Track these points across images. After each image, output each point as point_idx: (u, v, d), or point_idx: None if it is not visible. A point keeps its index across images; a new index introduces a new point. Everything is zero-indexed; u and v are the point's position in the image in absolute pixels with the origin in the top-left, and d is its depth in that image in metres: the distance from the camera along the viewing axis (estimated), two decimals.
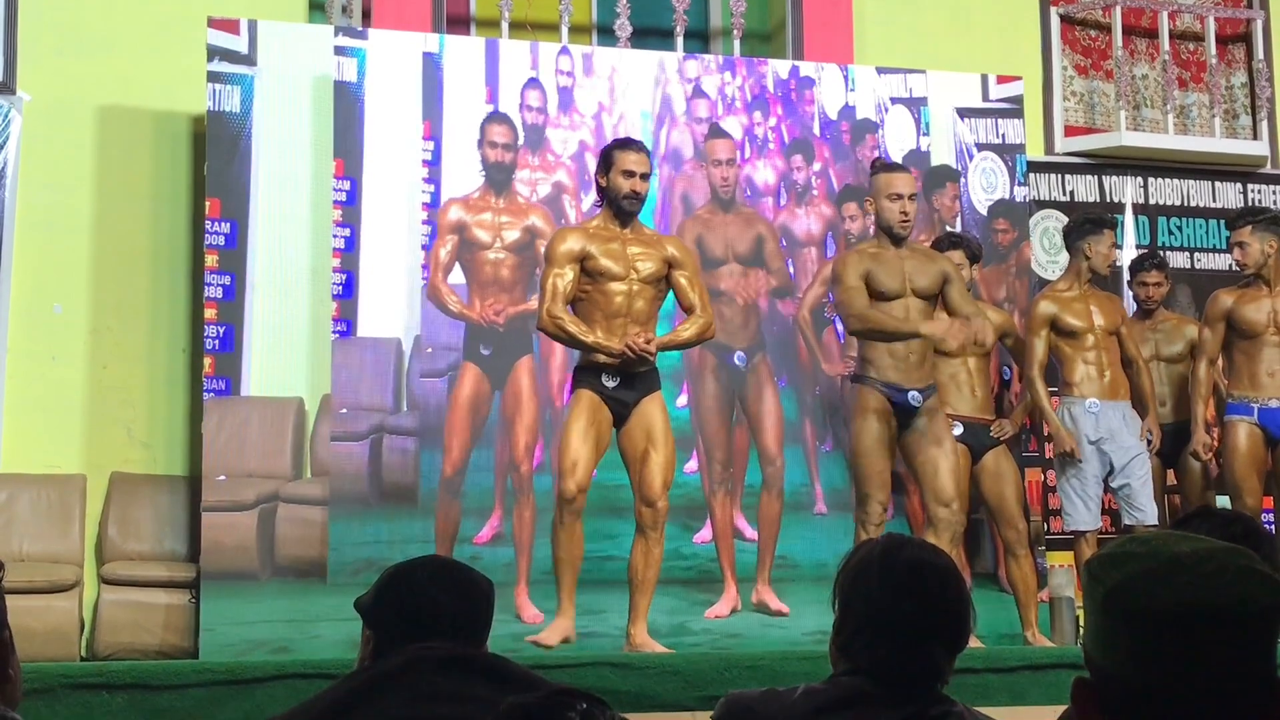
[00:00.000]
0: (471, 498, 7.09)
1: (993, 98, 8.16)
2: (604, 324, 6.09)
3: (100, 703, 4.69)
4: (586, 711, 1.53)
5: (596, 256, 6.11)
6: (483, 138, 7.34)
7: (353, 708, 2.59)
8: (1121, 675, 1.53)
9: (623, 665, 5.20)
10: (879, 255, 6.46)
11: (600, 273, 6.11)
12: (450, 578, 2.83)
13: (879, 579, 2.50)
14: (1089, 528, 7.00)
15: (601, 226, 6.21)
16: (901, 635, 2.46)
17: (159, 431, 7.47)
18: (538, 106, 7.49)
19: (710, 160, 7.56)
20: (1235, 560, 1.54)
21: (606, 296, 6.11)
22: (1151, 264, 7.70)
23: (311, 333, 7.09)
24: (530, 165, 7.45)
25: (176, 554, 7.19)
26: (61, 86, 7.51)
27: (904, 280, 6.43)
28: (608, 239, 6.16)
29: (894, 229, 6.43)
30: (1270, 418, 7.03)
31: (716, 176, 7.52)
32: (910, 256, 6.50)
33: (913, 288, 6.45)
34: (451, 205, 7.27)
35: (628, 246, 6.17)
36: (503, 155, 7.33)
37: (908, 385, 6.41)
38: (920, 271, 6.49)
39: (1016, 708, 5.04)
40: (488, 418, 7.15)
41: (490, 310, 7.19)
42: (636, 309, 6.14)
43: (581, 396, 6.08)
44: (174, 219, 7.60)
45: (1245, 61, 9.37)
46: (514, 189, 7.35)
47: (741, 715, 2.51)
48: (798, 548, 7.31)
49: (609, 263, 6.11)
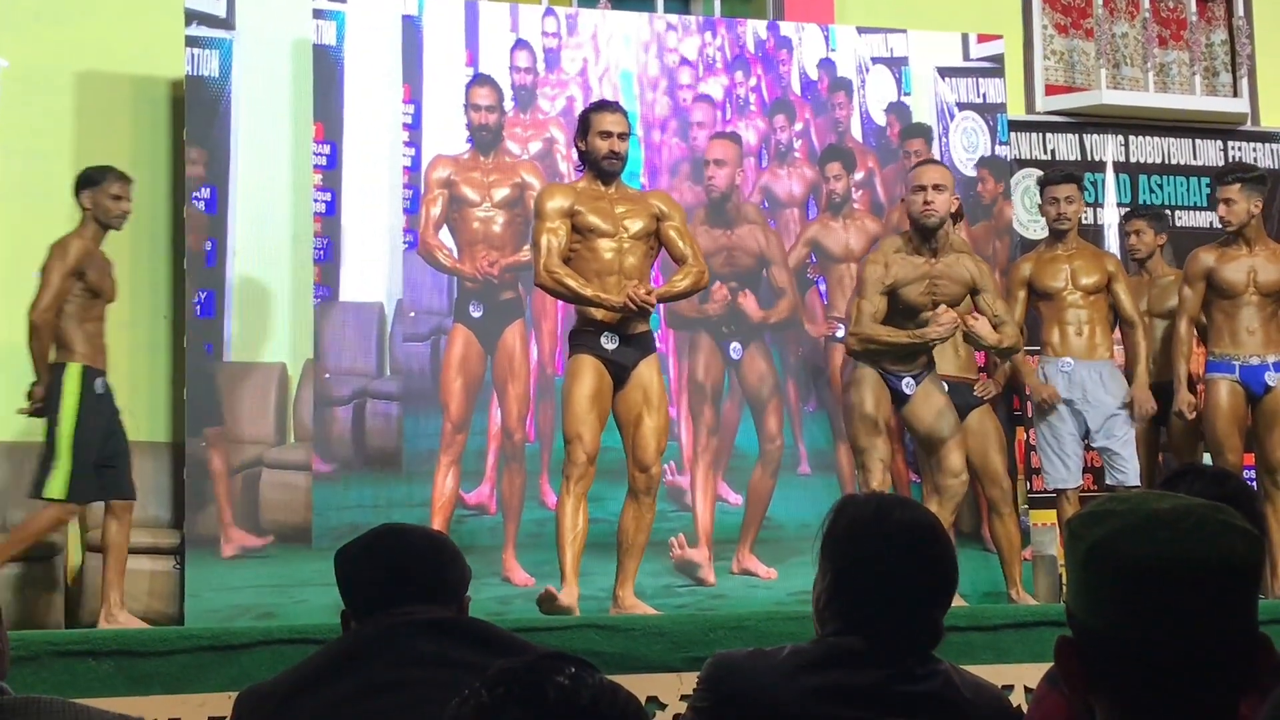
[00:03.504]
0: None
1: (973, 57, 8.15)
2: (596, 282, 6.05)
3: (86, 669, 4.69)
4: (575, 675, 1.53)
5: (584, 213, 6.07)
6: (467, 101, 7.32)
7: (338, 673, 2.59)
8: (1103, 632, 1.54)
9: (609, 628, 5.21)
10: (906, 263, 6.45)
11: (590, 229, 6.07)
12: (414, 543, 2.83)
13: (876, 543, 2.50)
14: (1067, 485, 7.02)
15: (587, 187, 6.19)
16: (904, 598, 2.47)
17: (141, 398, 7.45)
18: (526, 67, 7.46)
19: (712, 160, 7.51)
20: (1215, 516, 1.55)
21: (596, 253, 6.08)
22: (1136, 214, 7.71)
23: (293, 298, 7.08)
24: (522, 123, 7.43)
25: (160, 520, 7.18)
26: (39, 52, 7.46)
27: (929, 292, 6.44)
28: (594, 198, 6.14)
29: (920, 220, 6.43)
30: (1251, 375, 7.05)
31: (705, 176, 7.47)
32: (939, 262, 6.49)
33: (935, 300, 6.45)
34: (439, 162, 7.25)
35: (614, 205, 6.15)
36: (487, 117, 7.31)
37: (904, 373, 6.47)
38: (947, 278, 6.48)
39: (1000, 665, 5.06)
40: (481, 378, 7.14)
41: (484, 262, 7.16)
42: (628, 265, 6.10)
43: (583, 361, 6.02)
44: (154, 184, 7.57)
45: (1225, 19, 9.36)
46: (503, 147, 7.33)
47: (728, 675, 2.51)
48: (782, 508, 7.34)
49: (597, 219, 6.08)
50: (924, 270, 6.45)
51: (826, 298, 7.65)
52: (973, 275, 6.52)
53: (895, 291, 6.42)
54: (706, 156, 7.54)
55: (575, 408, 5.97)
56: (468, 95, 7.33)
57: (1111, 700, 1.56)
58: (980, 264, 6.66)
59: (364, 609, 2.72)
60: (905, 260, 6.45)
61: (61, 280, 6.19)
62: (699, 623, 5.33)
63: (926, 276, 6.45)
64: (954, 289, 6.49)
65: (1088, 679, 1.57)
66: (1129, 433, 7.08)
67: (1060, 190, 7.19)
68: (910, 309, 6.46)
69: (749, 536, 7.24)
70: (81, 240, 6.27)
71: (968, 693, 2.51)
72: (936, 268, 6.47)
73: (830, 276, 7.66)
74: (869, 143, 7.91)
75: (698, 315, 7.37)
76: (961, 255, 6.58)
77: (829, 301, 7.63)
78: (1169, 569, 1.50)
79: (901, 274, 6.42)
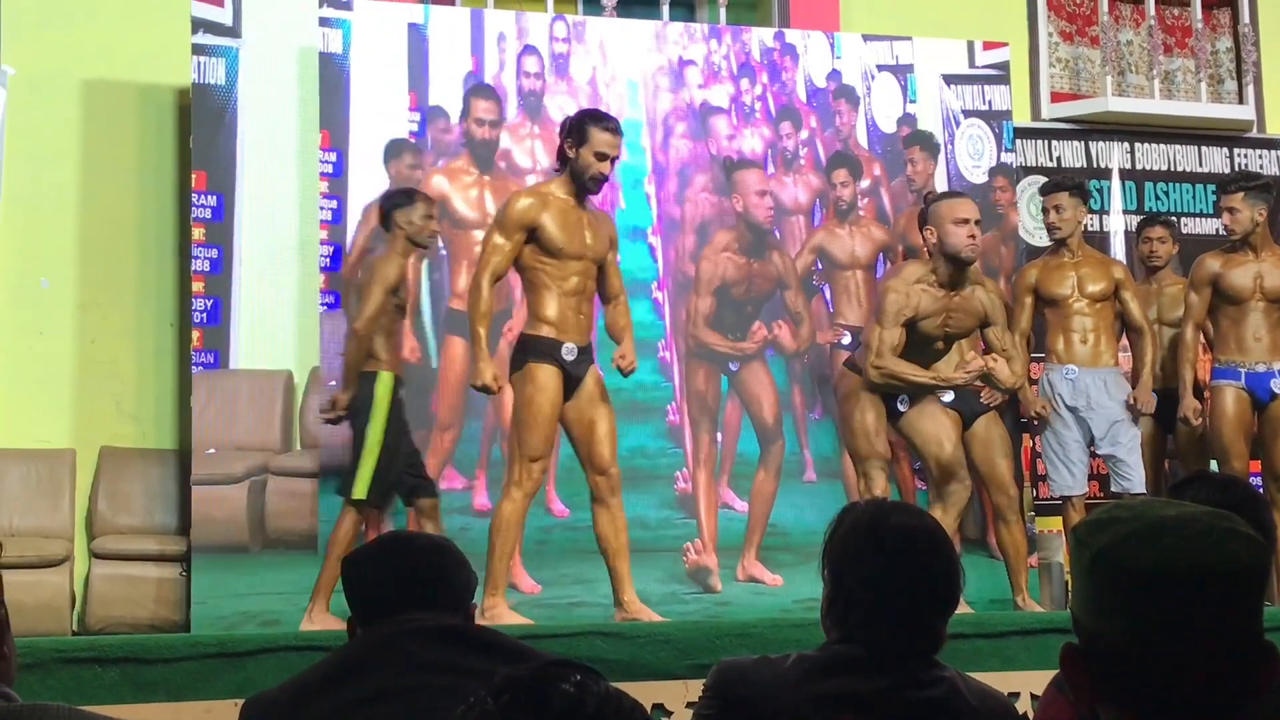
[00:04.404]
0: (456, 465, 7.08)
1: (979, 64, 8.14)
2: (560, 302, 6.07)
3: (92, 676, 4.70)
4: (580, 682, 1.53)
5: (552, 231, 6.05)
6: (468, 112, 7.29)
7: (344, 680, 2.59)
8: (1109, 639, 1.54)
9: (614, 635, 5.21)
10: (928, 295, 6.45)
11: (559, 249, 6.07)
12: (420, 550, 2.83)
13: (870, 550, 2.50)
14: (1073, 492, 7.03)
15: (564, 199, 6.15)
16: (898, 607, 2.47)
17: (148, 405, 7.47)
18: (535, 72, 7.44)
19: (753, 191, 7.40)
20: (1220, 523, 1.55)
21: (565, 276, 6.09)
22: (1156, 220, 7.72)
23: (299, 305, 7.07)
24: (532, 135, 7.40)
25: (167, 527, 7.19)
26: (45, 60, 7.48)
27: (944, 324, 6.45)
28: (566, 212, 6.11)
29: (962, 254, 6.41)
30: (1257, 381, 7.04)
31: (761, 210, 7.36)
32: (958, 295, 6.49)
33: (948, 332, 6.48)
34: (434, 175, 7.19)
35: (584, 227, 6.15)
36: (489, 133, 7.25)
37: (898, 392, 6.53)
38: (963, 311, 6.49)
39: (1007, 673, 5.05)
40: None
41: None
42: (589, 289, 6.17)
43: (546, 372, 6.04)
44: (160, 192, 7.58)
45: (1231, 26, 9.36)
46: (504, 159, 7.29)
47: (734, 683, 2.51)
48: (788, 516, 7.32)
49: (566, 240, 6.07)
50: (944, 304, 6.46)
51: (831, 305, 7.64)
52: (986, 309, 6.56)
53: (913, 323, 6.43)
54: (753, 186, 7.41)
55: (539, 420, 6.01)
56: (469, 106, 7.25)
57: (1117, 707, 1.56)
58: (993, 296, 6.67)
59: (370, 616, 2.72)
60: (927, 292, 6.46)
61: (383, 296, 6.42)
62: (704, 630, 5.33)
63: (945, 310, 6.47)
64: (968, 322, 6.53)
65: (1094, 686, 1.57)
66: (1134, 439, 7.08)
67: (1052, 199, 7.25)
68: (924, 339, 6.48)
69: (754, 541, 7.23)
70: (399, 259, 6.51)
71: (973, 700, 2.51)
72: (954, 300, 6.48)
73: (835, 284, 7.64)
74: (875, 150, 7.91)
75: (730, 352, 7.33)
76: (977, 287, 6.60)
77: (834, 309, 7.63)
78: (1174, 576, 1.50)
79: (923, 306, 6.43)
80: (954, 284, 6.48)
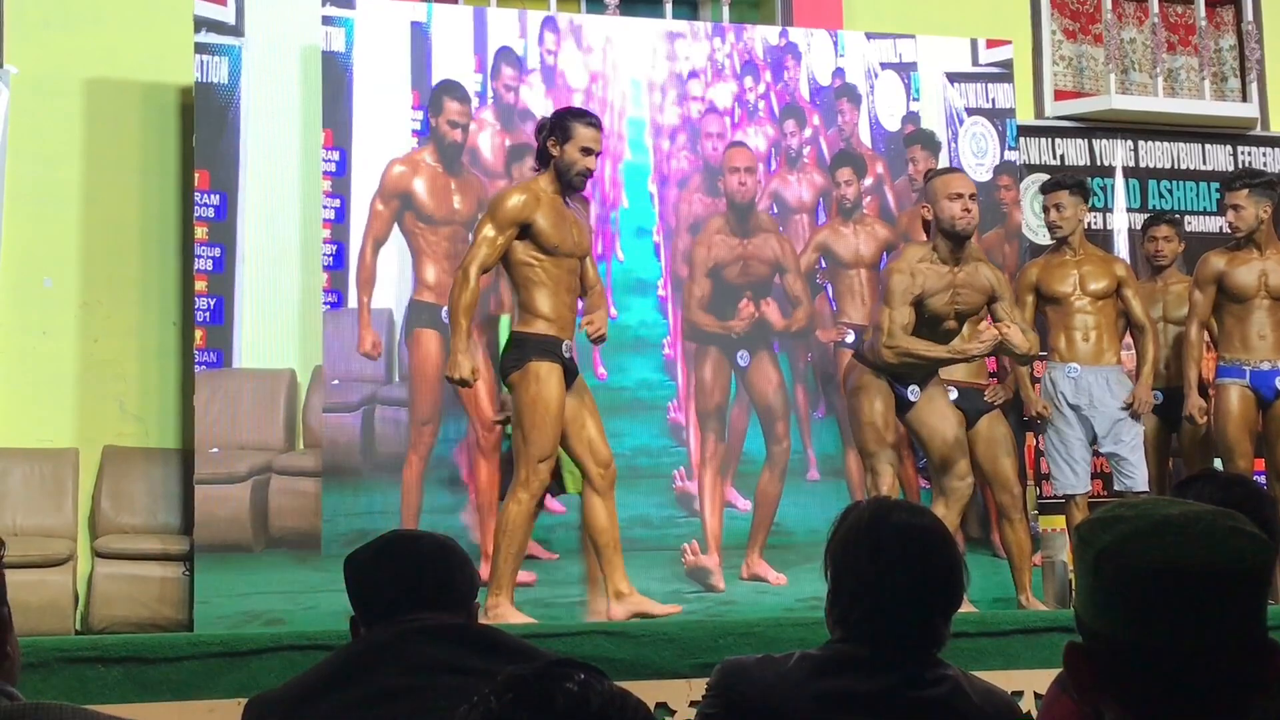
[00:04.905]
0: (447, 466, 7.07)
1: (982, 62, 8.14)
2: (555, 299, 6.08)
3: (95, 676, 4.70)
4: (584, 681, 1.53)
5: (547, 229, 6.07)
6: (439, 110, 7.18)
7: (348, 679, 2.59)
8: (1113, 637, 1.54)
9: (617, 633, 5.20)
10: (932, 272, 6.45)
11: (555, 246, 6.09)
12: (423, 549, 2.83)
13: (869, 548, 2.50)
14: (1076, 491, 7.03)
15: (553, 197, 6.16)
16: (897, 604, 2.47)
17: (151, 404, 7.47)
18: (534, 72, 7.42)
19: (727, 168, 7.48)
20: (1223, 521, 1.55)
21: (561, 271, 6.11)
22: (1161, 219, 7.72)
23: (302, 304, 7.07)
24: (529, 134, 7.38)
25: (170, 527, 7.19)
26: (48, 59, 7.48)
27: (952, 301, 6.45)
28: (556, 209, 6.14)
29: (955, 226, 6.42)
30: (1262, 380, 7.04)
31: (734, 184, 7.43)
32: (962, 271, 6.50)
33: (957, 309, 6.47)
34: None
35: (571, 224, 6.16)
36: (460, 135, 7.18)
37: (910, 379, 6.50)
38: (970, 287, 6.49)
39: (1010, 671, 5.06)
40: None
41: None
42: (576, 285, 6.22)
43: (551, 370, 6.05)
44: (163, 191, 7.59)
45: (1234, 24, 9.35)
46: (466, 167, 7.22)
47: (737, 682, 2.51)
48: (791, 514, 7.32)
49: (559, 238, 6.09)
50: (949, 280, 6.46)
51: (835, 304, 7.64)
52: (991, 283, 6.55)
53: (920, 301, 6.43)
54: (733, 164, 7.46)
55: (547, 422, 6.01)
56: (442, 106, 7.16)
57: (1121, 705, 1.55)
58: (996, 271, 6.69)
59: (373, 615, 2.72)
60: (931, 269, 6.46)
61: None
62: (708, 629, 5.33)
63: (951, 286, 6.46)
64: (975, 298, 6.52)
65: (1097, 684, 1.57)
66: (1136, 437, 7.08)
67: (1052, 198, 7.26)
68: (934, 318, 6.47)
69: (758, 541, 7.23)
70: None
71: (977, 699, 2.51)
72: (959, 277, 6.48)
73: (839, 282, 7.63)
74: (879, 149, 7.90)
75: (721, 332, 7.33)
76: (979, 264, 6.60)
77: (838, 308, 7.62)
78: (1178, 574, 1.50)
79: (928, 284, 6.43)
80: (955, 260, 6.48)
